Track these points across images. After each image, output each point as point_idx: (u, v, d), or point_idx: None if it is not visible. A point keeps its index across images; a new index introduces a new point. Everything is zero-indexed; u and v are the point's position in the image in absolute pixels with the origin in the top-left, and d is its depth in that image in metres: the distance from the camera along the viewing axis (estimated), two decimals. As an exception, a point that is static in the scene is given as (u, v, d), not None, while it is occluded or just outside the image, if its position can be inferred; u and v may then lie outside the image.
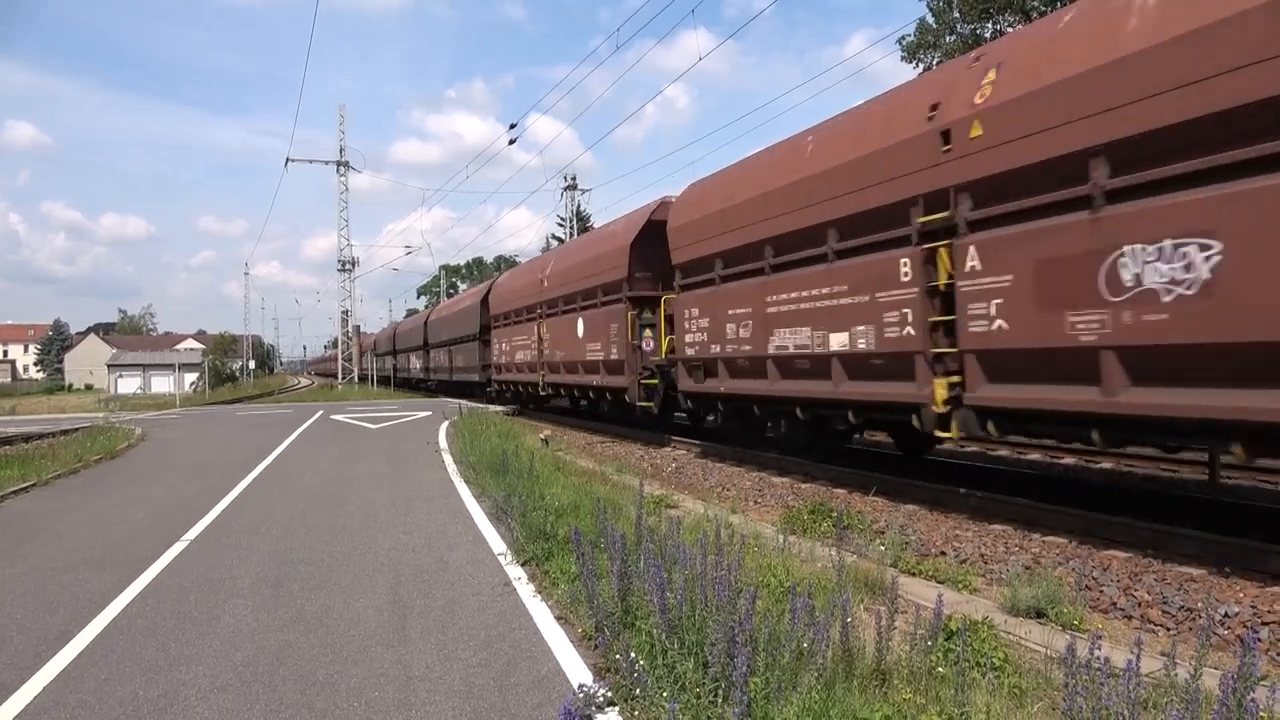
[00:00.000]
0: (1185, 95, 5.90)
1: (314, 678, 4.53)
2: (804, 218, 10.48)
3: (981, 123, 7.67)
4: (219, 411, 34.58)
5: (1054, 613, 5.17)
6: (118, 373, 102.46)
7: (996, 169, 7.53)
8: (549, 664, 4.63)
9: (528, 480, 9.59)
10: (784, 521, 8.06)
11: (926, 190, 8.38)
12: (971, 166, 7.81)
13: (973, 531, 7.87)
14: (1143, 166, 6.26)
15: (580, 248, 21.57)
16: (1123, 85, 6.34)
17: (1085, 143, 6.64)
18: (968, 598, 5.80)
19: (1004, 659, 4.20)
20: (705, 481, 11.63)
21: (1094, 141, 6.58)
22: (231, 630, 5.37)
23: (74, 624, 5.56)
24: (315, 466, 13.98)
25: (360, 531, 8.38)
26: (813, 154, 10.61)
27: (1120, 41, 6.43)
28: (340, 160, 49.75)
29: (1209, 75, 5.75)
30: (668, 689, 3.81)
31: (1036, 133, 7.08)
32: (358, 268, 52.94)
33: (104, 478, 13.64)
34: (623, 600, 4.81)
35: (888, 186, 8.92)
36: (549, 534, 7.01)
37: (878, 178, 9.08)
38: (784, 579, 5.43)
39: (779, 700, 3.50)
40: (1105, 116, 6.48)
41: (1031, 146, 7.13)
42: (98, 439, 18.75)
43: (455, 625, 5.36)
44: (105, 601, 6.08)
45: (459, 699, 4.19)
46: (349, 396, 42.63)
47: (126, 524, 9.19)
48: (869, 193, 9.25)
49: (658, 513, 8.26)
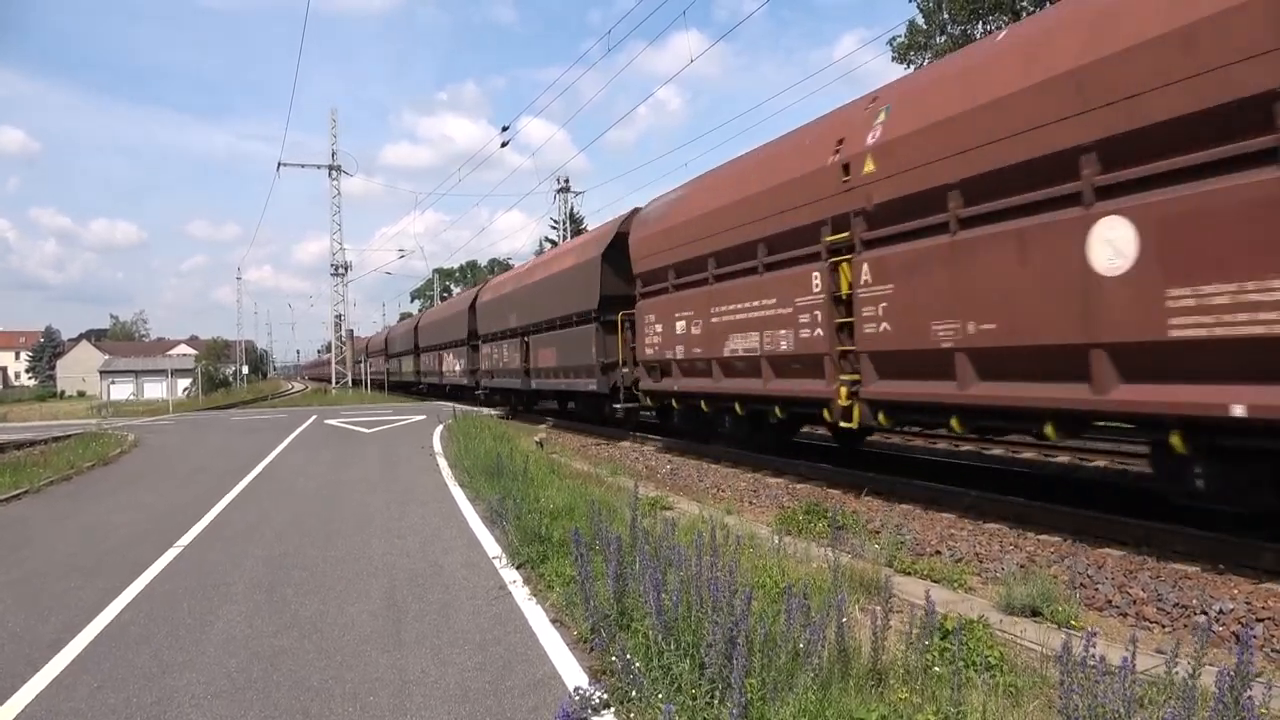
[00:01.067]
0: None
1: (309, 683, 4.51)
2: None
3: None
4: (213, 417, 34.45)
5: (1049, 611, 5.17)
6: (110, 379, 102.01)
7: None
8: (545, 667, 4.61)
9: (522, 483, 9.57)
10: (779, 522, 8.05)
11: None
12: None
13: (968, 530, 7.89)
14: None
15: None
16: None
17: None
18: (963, 597, 5.81)
19: (999, 658, 4.21)
20: (700, 483, 11.63)
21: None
22: (225, 636, 5.35)
23: (67, 631, 5.53)
24: (309, 471, 13.93)
25: (354, 536, 8.35)
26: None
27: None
28: (332, 164, 49.72)
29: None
30: (664, 690, 3.80)
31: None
32: (351, 272, 52.87)
33: (96, 484, 13.57)
34: (618, 602, 4.79)
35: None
36: (544, 537, 6.99)
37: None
38: (779, 579, 5.43)
39: (775, 701, 3.50)
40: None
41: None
42: (90, 445, 18.67)
43: (450, 629, 5.34)
44: (98, 608, 6.04)
45: (455, 703, 4.18)
46: (343, 401, 42.55)
47: (119, 530, 9.14)
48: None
49: (653, 514, 8.25)
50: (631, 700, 3.88)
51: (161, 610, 5.99)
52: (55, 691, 4.52)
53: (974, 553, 7.12)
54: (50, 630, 5.58)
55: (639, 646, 4.27)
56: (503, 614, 5.62)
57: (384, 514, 9.56)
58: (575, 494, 9.13)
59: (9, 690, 4.53)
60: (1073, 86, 6.69)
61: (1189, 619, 5.32)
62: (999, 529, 7.85)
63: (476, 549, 7.61)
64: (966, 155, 7.74)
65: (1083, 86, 6.61)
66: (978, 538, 7.58)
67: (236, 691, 4.42)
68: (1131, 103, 6.21)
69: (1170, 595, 5.68)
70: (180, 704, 4.28)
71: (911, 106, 8.67)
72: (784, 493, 10.41)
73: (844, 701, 3.52)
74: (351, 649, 5.03)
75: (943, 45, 29.30)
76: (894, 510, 8.70)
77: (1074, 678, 2.99)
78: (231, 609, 5.96)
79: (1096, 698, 2.98)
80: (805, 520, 8.07)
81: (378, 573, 6.85)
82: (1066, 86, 6.75)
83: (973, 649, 4.17)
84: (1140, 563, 6.49)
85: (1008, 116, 7.27)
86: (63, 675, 4.75)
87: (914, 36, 30.52)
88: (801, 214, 10.36)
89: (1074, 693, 2.95)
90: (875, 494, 9.52)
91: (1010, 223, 7.36)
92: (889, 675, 3.90)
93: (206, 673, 4.71)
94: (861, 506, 9.08)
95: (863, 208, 9.22)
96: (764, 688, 3.58)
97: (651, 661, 4.04)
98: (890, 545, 6.77)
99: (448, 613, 5.70)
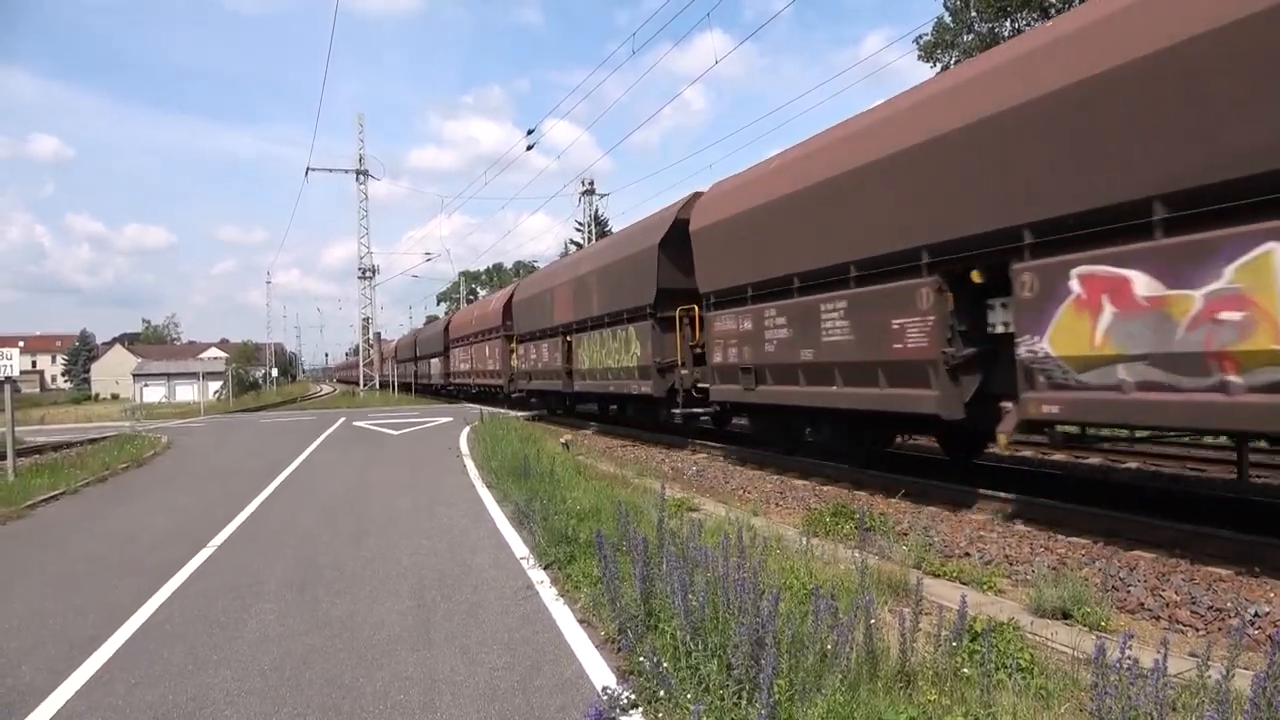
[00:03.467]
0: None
1: (339, 681, 4.56)
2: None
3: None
4: (243, 419, 34.93)
5: (1080, 614, 5.12)
6: (143, 382, 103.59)
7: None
8: (572, 667, 4.64)
9: (549, 484, 9.61)
10: (806, 524, 8.03)
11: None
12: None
13: (997, 533, 7.81)
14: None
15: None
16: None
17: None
18: (993, 599, 5.76)
19: (1030, 660, 4.17)
20: (727, 484, 11.61)
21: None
22: (258, 635, 5.43)
23: (104, 629, 5.64)
24: (338, 473, 14.09)
25: (384, 536, 8.43)
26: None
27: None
28: (360, 169, 50.18)
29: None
30: (692, 691, 3.81)
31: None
32: (378, 275, 53.30)
33: (131, 485, 13.81)
34: (645, 603, 4.81)
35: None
36: (571, 537, 7.02)
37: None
38: (806, 581, 5.41)
39: (803, 702, 3.50)
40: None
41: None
42: (125, 447, 19.02)
43: (479, 629, 5.38)
44: (134, 607, 6.15)
45: (483, 701, 4.21)
46: (370, 403, 42.97)
47: (153, 530, 9.30)
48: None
49: (679, 516, 8.26)
50: (660, 700, 3.89)
51: (196, 609, 6.09)
52: (94, 688, 4.61)
53: (1004, 555, 7.06)
54: (88, 628, 5.69)
55: (666, 647, 4.28)
56: (530, 614, 5.65)
57: (412, 515, 9.65)
58: (601, 495, 9.16)
59: (50, 686, 4.63)
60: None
61: (1223, 622, 5.24)
62: (1029, 531, 7.77)
63: (504, 549, 7.66)
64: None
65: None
66: (1007, 540, 7.51)
67: (270, 689, 4.48)
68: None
69: (1204, 598, 5.60)
70: (215, 701, 4.35)
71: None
72: (811, 494, 10.36)
73: (872, 703, 3.51)
74: (382, 648, 5.09)
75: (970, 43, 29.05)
76: (922, 512, 8.64)
77: (1106, 680, 2.97)
78: (264, 607, 6.05)
79: (1129, 700, 2.95)
80: (832, 522, 8.03)
81: (407, 573, 6.92)
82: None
83: (1003, 651, 4.14)
84: (1173, 565, 6.40)
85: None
86: (100, 672, 4.85)
87: (941, 35, 30.28)
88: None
89: (1107, 695, 2.93)
90: (904, 496, 9.45)
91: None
92: (918, 677, 3.88)
93: (240, 670, 4.78)
94: (889, 508, 9.02)
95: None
96: (792, 689, 3.58)
97: (679, 662, 4.05)
98: (918, 547, 6.73)
99: (476, 612, 5.74)
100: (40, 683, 4.69)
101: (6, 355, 21.03)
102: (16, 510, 10.88)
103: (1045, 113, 7.17)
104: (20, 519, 10.56)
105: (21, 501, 11.37)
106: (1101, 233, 6.75)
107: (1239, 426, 6.40)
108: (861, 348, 9.91)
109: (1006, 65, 7.87)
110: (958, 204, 8.23)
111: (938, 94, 8.89)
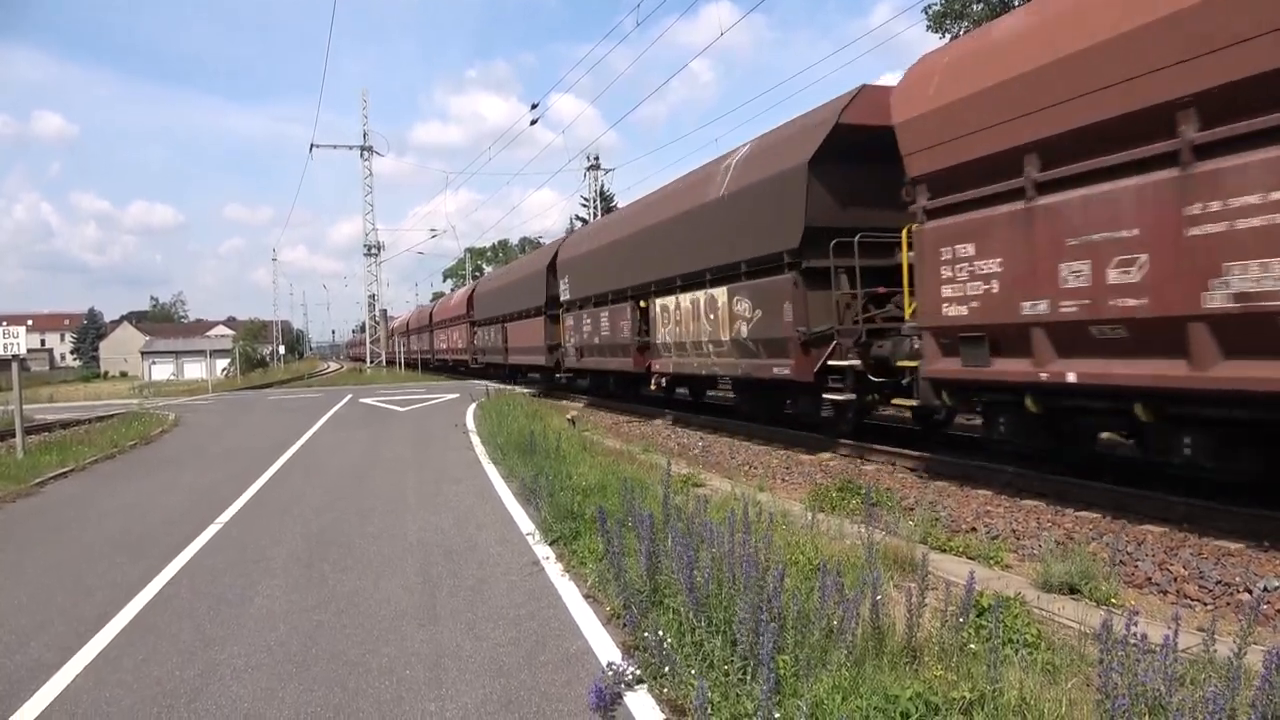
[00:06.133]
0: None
1: (346, 656, 4.58)
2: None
3: None
4: (250, 396, 35.05)
5: (1088, 589, 5.10)
6: (151, 359, 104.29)
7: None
8: (578, 642, 4.64)
9: (555, 460, 9.62)
10: (812, 499, 8.01)
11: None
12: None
13: (1004, 508, 7.79)
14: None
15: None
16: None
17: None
18: (999, 574, 5.74)
19: (1037, 635, 4.15)
20: (732, 460, 11.61)
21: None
22: (265, 611, 5.44)
23: (112, 606, 5.66)
24: (345, 449, 14.13)
25: (389, 513, 8.45)
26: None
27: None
28: (364, 145, 49.99)
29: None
30: (696, 666, 3.80)
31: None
32: (384, 252, 53.28)
33: (139, 462, 13.88)
34: (650, 579, 4.80)
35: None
36: (576, 514, 7.02)
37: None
38: (812, 556, 5.40)
39: (809, 677, 3.48)
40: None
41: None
42: (133, 425, 19.10)
43: (484, 604, 5.39)
44: (142, 583, 6.18)
45: (489, 677, 4.22)
46: (377, 380, 43.03)
47: (161, 508, 9.34)
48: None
49: (685, 491, 8.26)
50: (664, 676, 3.89)
51: (203, 585, 6.11)
52: (102, 664, 4.63)
53: (1011, 530, 7.04)
54: (96, 605, 5.72)
55: (671, 623, 4.28)
56: (536, 590, 5.66)
57: (418, 491, 9.67)
58: (607, 471, 9.16)
59: (59, 663, 4.65)
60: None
61: (1232, 597, 5.22)
62: (1036, 506, 7.74)
63: (510, 526, 7.67)
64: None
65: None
66: (1014, 515, 7.49)
67: (276, 664, 4.50)
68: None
69: (1213, 573, 5.58)
70: (223, 676, 4.37)
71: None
72: (817, 470, 10.35)
73: (878, 678, 3.49)
74: (388, 623, 5.10)
75: (979, 13, 28.64)
76: (928, 487, 8.62)
77: (1113, 655, 2.94)
78: (271, 584, 6.07)
79: (1137, 676, 2.93)
80: (839, 497, 8.01)
81: (413, 549, 6.93)
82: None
83: (1009, 626, 4.12)
84: (1181, 540, 6.37)
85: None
86: (108, 649, 4.87)
87: (950, 4, 29.84)
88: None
89: (1114, 670, 2.90)
90: (909, 470, 9.41)
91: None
92: (924, 652, 3.86)
93: (247, 646, 4.80)
94: (895, 483, 9.01)
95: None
96: (797, 664, 3.57)
97: (684, 638, 4.04)
98: (925, 522, 6.71)
99: (482, 588, 5.75)
100: (49, 659, 4.71)
101: (14, 334, 21.16)
102: (26, 488, 10.95)
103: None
104: (29, 496, 10.63)
105: (30, 479, 11.43)
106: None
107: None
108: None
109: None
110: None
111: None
